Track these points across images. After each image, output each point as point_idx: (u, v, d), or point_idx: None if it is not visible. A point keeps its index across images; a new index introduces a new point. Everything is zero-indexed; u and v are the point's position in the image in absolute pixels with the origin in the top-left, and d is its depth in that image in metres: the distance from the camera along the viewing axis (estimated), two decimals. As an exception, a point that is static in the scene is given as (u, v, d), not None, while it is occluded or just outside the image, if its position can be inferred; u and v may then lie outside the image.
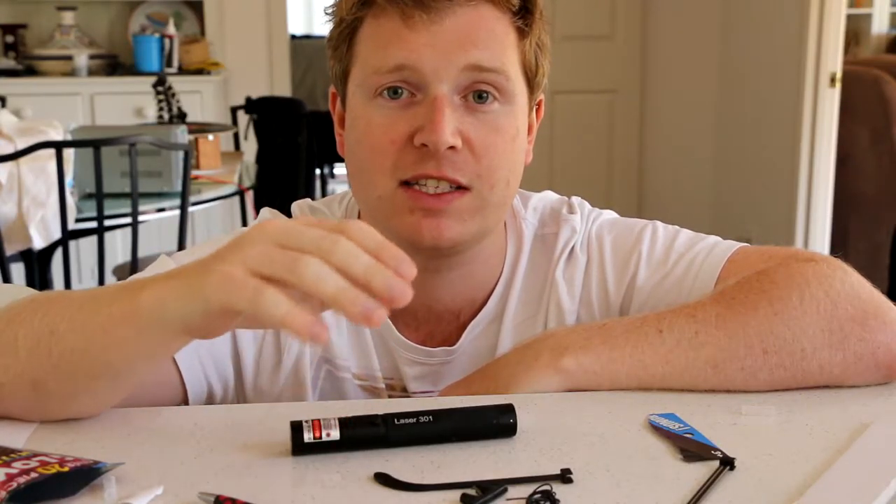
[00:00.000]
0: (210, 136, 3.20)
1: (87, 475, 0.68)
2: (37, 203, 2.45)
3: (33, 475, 0.66)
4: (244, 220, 3.65)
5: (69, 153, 2.47)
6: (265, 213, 1.04)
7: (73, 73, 4.45)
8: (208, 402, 0.94)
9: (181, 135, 2.78)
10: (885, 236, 3.84)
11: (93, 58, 4.52)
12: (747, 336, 0.86)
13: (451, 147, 0.88)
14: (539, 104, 1.00)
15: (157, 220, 2.91)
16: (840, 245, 3.91)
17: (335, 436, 0.73)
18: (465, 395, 0.87)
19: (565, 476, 0.70)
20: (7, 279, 2.49)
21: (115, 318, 0.74)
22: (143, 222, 2.71)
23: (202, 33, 4.72)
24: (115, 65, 4.68)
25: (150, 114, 4.03)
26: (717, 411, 0.83)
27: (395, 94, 0.90)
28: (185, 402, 0.91)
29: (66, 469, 0.67)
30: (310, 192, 3.79)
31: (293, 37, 5.13)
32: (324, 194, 4.06)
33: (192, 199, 2.76)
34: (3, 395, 0.79)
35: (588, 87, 4.98)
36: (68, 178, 2.46)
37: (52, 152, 2.40)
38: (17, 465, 0.67)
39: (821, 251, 0.89)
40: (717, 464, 0.72)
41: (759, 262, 0.94)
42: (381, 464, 0.72)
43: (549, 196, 1.08)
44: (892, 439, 0.77)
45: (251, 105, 3.99)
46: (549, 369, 0.86)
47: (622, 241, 1.01)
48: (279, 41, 4.76)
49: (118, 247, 3.90)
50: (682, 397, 0.85)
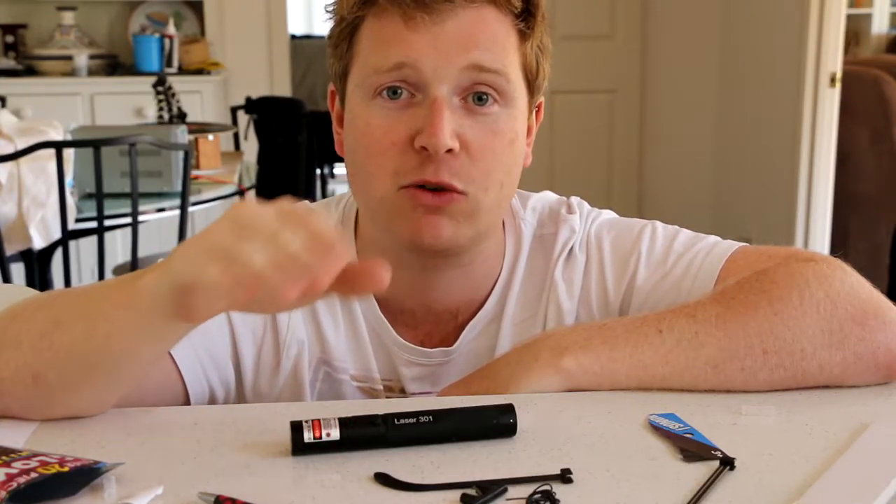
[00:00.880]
0: (210, 136, 3.20)
1: (87, 475, 0.68)
2: (37, 203, 2.45)
3: (33, 475, 0.66)
4: (244, 220, 3.64)
5: (69, 153, 2.47)
6: None
7: (73, 73, 4.45)
8: (210, 403, 0.94)
9: (181, 135, 2.78)
10: (885, 236, 3.84)
11: (93, 58, 4.52)
12: (747, 336, 0.86)
13: (450, 150, 0.88)
14: (539, 106, 1.00)
15: (157, 220, 2.91)
16: (840, 245, 3.91)
17: (335, 436, 0.73)
18: (464, 395, 0.87)
19: (565, 476, 0.70)
20: (7, 279, 2.49)
21: (116, 305, 0.75)
22: (143, 222, 2.71)
23: (202, 33, 4.72)
24: (115, 65, 4.68)
25: (150, 114, 4.03)
26: (717, 411, 0.83)
27: (394, 94, 0.90)
28: (186, 405, 0.91)
29: (66, 469, 0.67)
30: (310, 192, 3.79)
31: (293, 37, 5.13)
32: (324, 194, 4.06)
33: (192, 199, 2.76)
34: (4, 391, 0.79)
35: (588, 87, 4.97)
36: (68, 178, 2.46)
37: (52, 152, 2.40)
38: (17, 465, 0.67)
39: (821, 251, 0.89)
40: (717, 464, 0.72)
41: (759, 262, 0.94)
42: (381, 464, 0.72)
43: (548, 196, 1.08)
44: (892, 439, 0.77)
45: (251, 105, 3.99)
46: (549, 369, 0.86)
47: (621, 241, 1.01)
48: (279, 41, 4.76)
49: (118, 247, 3.90)
50: (682, 397, 0.85)
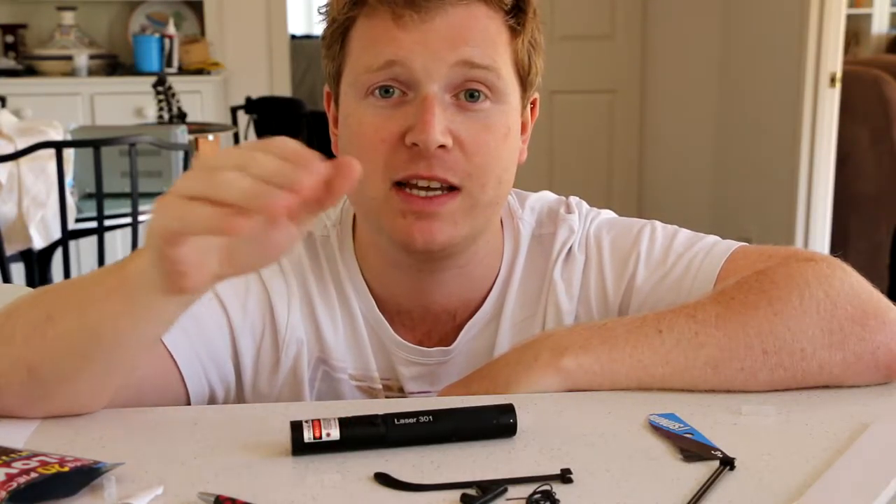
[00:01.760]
0: (210, 136, 3.20)
1: (87, 475, 0.68)
2: (37, 203, 2.45)
3: (33, 475, 0.66)
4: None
5: (69, 153, 2.47)
6: None
7: (73, 73, 4.45)
8: (210, 403, 0.94)
9: (181, 135, 2.78)
10: (884, 236, 3.84)
11: (93, 58, 4.52)
12: (747, 336, 0.86)
13: (442, 146, 0.88)
14: (534, 103, 1.00)
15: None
16: (840, 245, 3.91)
17: (335, 436, 0.73)
18: (464, 395, 0.87)
19: (565, 476, 0.70)
20: (7, 279, 2.49)
21: (107, 291, 0.76)
22: (143, 222, 2.71)
23: (202, 33, 4.72)
24: (115, 65, 4.68)
25: (150, 114, 4.03)
26: (717, 411, 0.83)
27: (386, 93, 0.90)
28: (186, 405, 0.91)
29: (66, 469, 0.67)
30: (310, 192, 3.79)
31: (293, 37, 5.13)
32: (324, 194, 4.05)
33: (192, 199, 2.75)
34: (1, 387, 0.80)
35: (588, 87, 4.98)
36: (68, 178, 2.46)
37: (52, 152, 2.40)
38: (17, 465, 0.67)
39: (821, 251, 0.89)
40: (717, 464, 0.72)
41: (759, 262, 0.94)
42: (381, 464, 0.72)
43: (547, 196, 1.08)
44: (892, 439, 0.77)
45: (251, 105, 3.99)
46: (549, 369, 0.86)
47: (621, 241, 1.01)
48: (279, 41, 4.76)
49: (118, 247, 3.89)
50: (682, 397, 0.85)
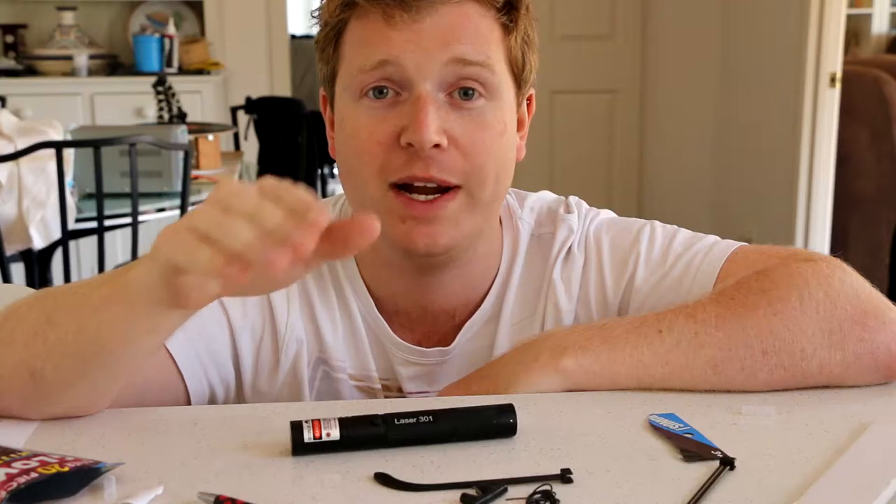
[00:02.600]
0: (210, 136, 3.20)
1: (87, 475, 0.68)
2: (37, 203, 2.45)
3: (33, 475, 0.66)
4: (244, 220, 3.64)
5: (69, 153, 2.47)
6: None
7: (73, 73, 4.45)
8: (210, 403, 0.94)
9: (181, 135, 2.78)
10: (884, 236, 3.83)
11: (93, 58, 4.52)
12: (747, 337, 0.86)
13: (437, 146, 0.88)
14: (530, 99, 1.00)
15: (157, 220, 2.91)
16: (840, 245, 3.91)
17: (335, 436, 0.73)
18: (464, 395, 0.87)
19: (565, 476, 0.70)
20: (7, 279, 2.49)
21: (107, 299, 0.76)
22: (143, 222, 2.71)
23: (202, 33, 4.72)
24: (115, 65, 4.68)
25: (150, 114, 4.03)
26: (717, 411, 0.83)
27: (380, 93, 0.90)
28: (186, 405, 0.91)
29: (66, 469, 0.67)
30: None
31: (293, 37, 5.13)
32: (324, 194, 4.06)
33: (192, 199, 2.75)
34: (3, 389, 0.80)
35: (588, 87, 4.97)
36: (68, 178, 2.46)
37: (52, 152, 2.40)
38: (17, 465, 0.67)
39: (821, 251, 0.89)
40: (717, 464, 0.72)
41: (759, 262, 0.94)
42: (381, 464, 0.72)
43: (546, 196, 1.07)
44: (892, 439, 0.77)
45: (251, 105, 3.99)
46: (549, 369, 0.86)
47: (620, 241, 1.01)
48: (279, 41, 4.76)
49: (118, 247, 3.90)
50: (682, 397, 0.85)
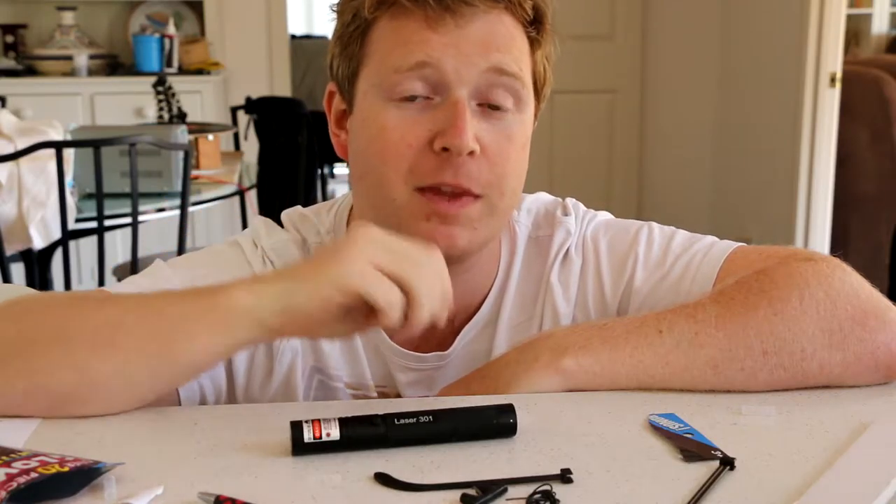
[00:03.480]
0: (210, 136, 3.20)
1: (87, 475, 0.68)
2: (37, 203, 2.45)
3: (33, 475, 0.66)
4: (244, 220, 3.65)
5: (69, 153, 2.47)
6: (257, 221, 1.03)
7: (73, 73, 4.45)
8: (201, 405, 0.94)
9: (181, 135, 2.78)
10: (885, 236, 3.83)
11: (93, 58, 4.52)
12: (747, 337, 0.86)
13: (471, 152, 0.88)
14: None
15: (157, 220, 2.92)
16: (840, 245, 3.91)
17: (335, 436, 0.73)
18: (464, 395, 0.87)
19: (565, 476, 0.70)
20: (7, 279, 2.49)
21: (194, 314, 0.79)
22: (143, 222, 2.71)
23: (202, 33, 4.72)
24: (115, 65, 4.68)
25: (150, 114, 4.03)
26: (717, 411, 0.83)
27: (412, 100, 0.89)
28: (177, 402, 0.91)
29: (66, 469, 0.67)
30: (310, 192, 3.79)
31: (293, 37, 5.13)
32: (324, 195, 4.06)
33: (192, 199, 2.76)
34: (37, 384, 0.79)
35: (588, 87, 4.97)
36: (68, 178, 2.46)
37: (52, 152, 2.40)
38: (17, 465, 0.67)
39: (821, 251, 0.89)
40: (717, 464, 0.72)
41: (758, 262, 0.93)
42: (381, 464, 0.72)
43: (543, 197, 1.07)
44: (892, 439, 0.77)
45: (251, 105, 3.99)
46: (549, 370, 0.86)
47: (618, 244, 1.01)
48: (279, 41, 4.76)
49: (118, 247, 3.90)
50: (682, 397, 0.85)
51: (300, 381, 0.97)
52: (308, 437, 0.73)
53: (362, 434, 0.74)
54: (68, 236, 2.50)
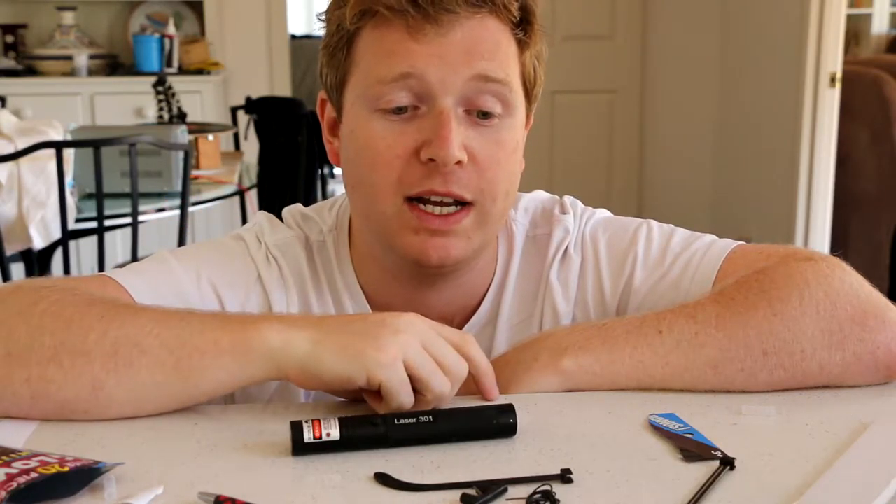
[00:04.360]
0: (210, 136, 3.20)
1: (87, 475, 0.68)
2: (37, 203, 2.45)
3: (33, 475, 0.66)
4: (244, 221, 3.65)
5: (69, 153, 2.47)
6: (261, 217, 1.03)
7: (73, 73, 4.45)
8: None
9: (181, 135, 2.78)
10: (885, 236, 3.84)
11: (93, 58, 4.52)
12: (747, 337, 0.86)
13: (459, 162, 0.88)
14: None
15: (157, 220, 2.92)
16: (840, 245, 3.91)
17: (335, 436, 0.73)
18: (464, 395, 0.87)
19: (565, 476, 0.70)
20: (7, 279, 2.49)
21: (221, 347, 0.78)
22: (143, 222, 2.71)
23: (202, 33, 4.72)
24: (115, 65, 4.68)
25: (150, 114, 4.03)
26: (717, 411, 0.83)
27: (399, 111, 0.89)
28: None
29: (66, 469, 0.67)
30: (310, 192, 3.79)
31: (293, 37, 5.13)
32: (324, 194, 4.06)
33: (192, 199, 2.76)
34: (47, 392, 0.78)
35: (588, 87, 4.97)
36: (68, 178, 2.46)
37: (52, 152, 2.40)
38: (17, 465, 0.67)
39: (821, 251, 0.89)
40: (717, 464, 0.72)
41: (758, 261, 0.93)
42: (381, 464, 0.72)
43: (540, 196, 1.07)
44: (892, 439, 0.77)
45: (251, 105, 3.98)
46: (549, 370, 0.86)
47: (617, 242, 1.01)
48: (279, 41, 4.76)
49: (118, 247, 3.90)
50: (682, 397, 0.85)
51: None
52: (308, 437, 0.73)
53: (362, 434, 0.74)
54: (68, 236, 2.50)
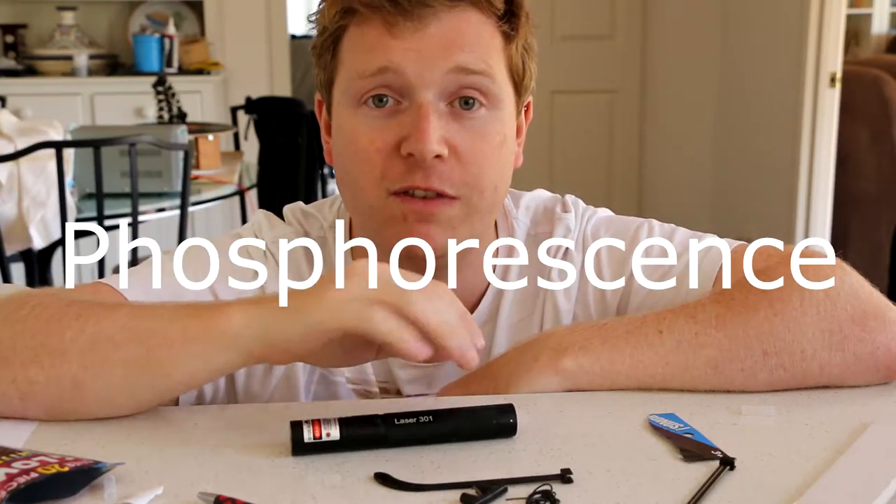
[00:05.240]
0: (210, 136, 3.20)
1: (87, 475, 0.68)
2: (37, 203, 2.45)
3: (33, 475, 0.66)
4: (244, 221, 3.65)
5: (69, 153, 2.47)
6: (259, 215, 1.03)
7: (73, 73, 4.45)
8: (198, 403, 0.94)
9: (181, 135, 2.78)
10: (885, 236, 3.84)
11: (93, 58, 4.52)
12: (747, 337, 0.86)
13: (438, 156, 0.88)
14: (528, 107, 1.00)
15: (157, 220, 2.92)
16: (840, 245, 3.91)
17: (335, 436, 0.73)
18: (464, 395, 0.87)
19: (565, 476, 0.70)
20: (7, 279, 2.49)
21: (189, 334, 0.77)
22: (143, 222, 2.71)
23: (202, 33, 4.72)
24: (115, 65, 4.68)
25: (150, 114, 4.03)
26: (717, 411, 0.83)
27: (380, 101, 0.89)
28: (175, 402, 0.91)
29: (66, 469, 0.67)
30: (311, 192, 3.79)
31: (293, 37, 5.12)
32: (324, 194, 4.05)
33: (192, 199, 2.76)
34: (34, 395, 0.79)
35: (588, 87, 4.98)
36: (68, 178, 2.46)
37: (52, 152, 2.40)
38: (17, 465, 0.67)
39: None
40: (717, 464, 0.72)
41: (759, 261, 0.93)
42: (381, 464, 0.72)
43: (542, 194, 1.07)
44: (892, 439, 0.77)
45: (251, 105, 3.98)
46: (549, 370, 0.86)
47: (618, 241, 1.01)
48: (279, 41, 4.76)
49: (118, 247, 3.89)
50: (682, 397, 0.85)
51: (301, 376, 0.97)
52: (308, 437, 0.73)
53: (362, 434, 0.74)
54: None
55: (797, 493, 0.68)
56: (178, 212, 2.67)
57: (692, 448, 0.75)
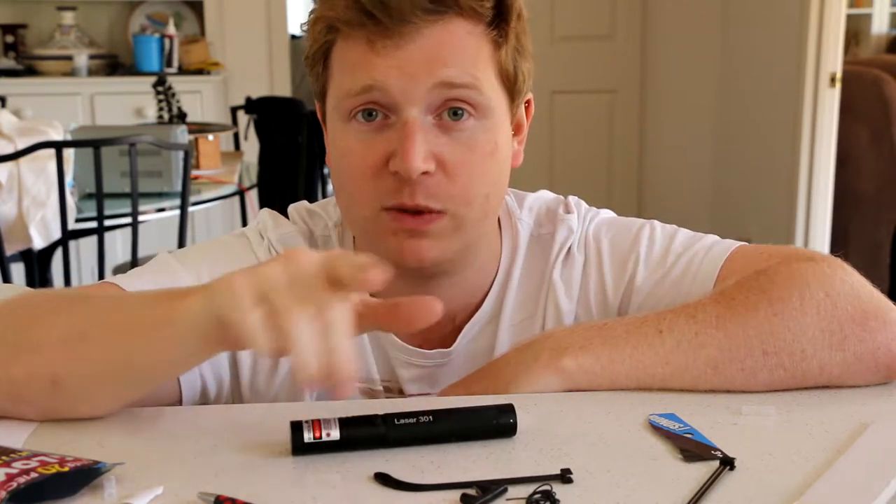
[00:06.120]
0: (210, 136, 3.20)
1: (87, 475, 0.68)
2: (37, 203, 2.45)
3: (33, 475, 0.66)
4: (244, 220, 3.65)
5: (69, 153, 2.47)
6: (264, 214, 1.04)
7: (73, 73, 4.45)
8: (202, 401, 0.94)
9: (181, 135, 2.78)
10: (884, 236, 3.84)
11: (93, 58, 4.52)
12: (747, 337, 0.86)
13: (425, 172, 0.88)
14: (528, 103, 1.00)
15: (157, 220, 2.92)
16: (840, 245, 3.91)
17: (335, 436, 0.73)
18: (464, 395, 0.87)
19: (565, 476, 0.70)
20: (7, 279, 2.49)
21: (151, 324, 0.76)
22: (143, 222, 2.71)
23: (202, 33, 4.72)
24: (115, 65, 4.68)
25: (150, 114, 4.03)
26: (717, 411, 0.83)
27: (369, 116, 0.89)
28: (178, 400, 0.91)
29: (66, 469, 0.67)
30: (311, 192, 3.79)
31: (293, 37, 5.12)
32: (324, 194, 4.06)
33: (192, 199, 2.76)
34: (17, 393, 0.79)
35: (588, 87, 4.98)
36: (68, 178, 2.46)
37: (52, 152, 2.40)
38: (17, 465, 0.67)
39: (821, 251, 0.89)
40: (717, 464, 0.72)
41: (759, 262, 0.94)
42: (381, 464, 0.72)
43: (545, 195, 1.07)
44: (892, 439, 0.77)
45: (251, 105, 3.98)
46: (549, 370, 0.86)
47: (620, 242, 1.01)
48: (279, 41, 4.76)
49: (118, 247, 3.90)
50: (682, 397, 0.85)
51: None
52: (308, 437, 0.73)
53: (362, 434, 0.74)
54: (68, 236, 2.50)
55: (797, 493, 0.68)
56: (178, 212, 2.67)
57: (692, 448, 0.75)
